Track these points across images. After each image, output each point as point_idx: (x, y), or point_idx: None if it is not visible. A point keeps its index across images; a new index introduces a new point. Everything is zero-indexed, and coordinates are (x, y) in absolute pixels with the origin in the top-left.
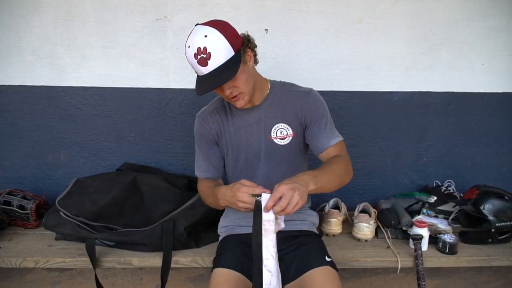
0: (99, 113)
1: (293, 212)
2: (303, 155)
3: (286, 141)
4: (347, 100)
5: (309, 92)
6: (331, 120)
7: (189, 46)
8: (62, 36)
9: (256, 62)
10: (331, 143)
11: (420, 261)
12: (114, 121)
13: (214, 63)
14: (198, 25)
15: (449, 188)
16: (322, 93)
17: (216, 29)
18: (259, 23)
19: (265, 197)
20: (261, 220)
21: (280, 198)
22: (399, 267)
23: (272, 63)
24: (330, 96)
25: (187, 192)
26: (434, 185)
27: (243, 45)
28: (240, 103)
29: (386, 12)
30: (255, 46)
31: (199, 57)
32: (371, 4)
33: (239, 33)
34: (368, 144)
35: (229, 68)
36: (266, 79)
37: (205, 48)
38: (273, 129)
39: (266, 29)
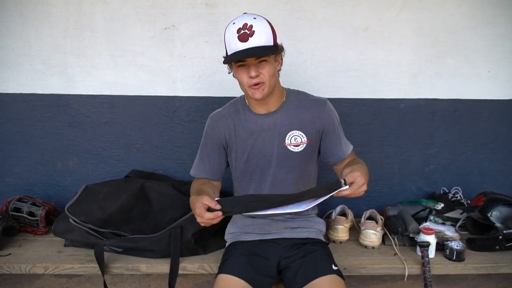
0: (108, 120)
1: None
2: (314, 162)
3: (300, 148)
4: (354, 108)
5: (325, 101)
6: (342, 129)
7: (234, 23)
8: (72, 45)
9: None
10: (348, 152)
11: (428, 268)
12: (123, 129)
13: (254, 42)
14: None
15: (456, 195)
16: (329, 100)
17: (266, 19)
18: None
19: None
20: (327, 194)
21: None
22: (406, 274)
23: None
24: (336, 103)
25: None
26: (441, 192)
27: (278, 48)
28: (259, 94)
29: (392, 20)
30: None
31: (242, 31)
32: (377, 12)
33: None
34: (375, 151)
35: (267, 50)
36: (283, 87)
37: (251, 26)
38: (287, 135)
39: None
